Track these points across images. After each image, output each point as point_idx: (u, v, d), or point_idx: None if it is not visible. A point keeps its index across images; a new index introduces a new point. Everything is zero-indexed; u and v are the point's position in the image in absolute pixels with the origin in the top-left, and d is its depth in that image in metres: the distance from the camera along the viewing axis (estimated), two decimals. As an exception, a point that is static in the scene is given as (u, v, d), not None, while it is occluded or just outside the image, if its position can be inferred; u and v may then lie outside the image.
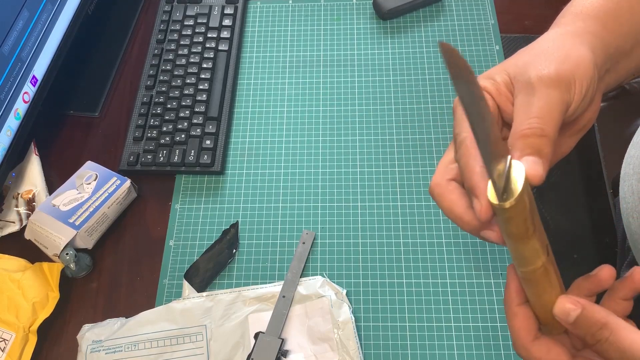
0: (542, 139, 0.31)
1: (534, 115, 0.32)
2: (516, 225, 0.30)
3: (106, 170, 0.66)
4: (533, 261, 0.32)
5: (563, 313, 0.33)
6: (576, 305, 0.32)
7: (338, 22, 0.81)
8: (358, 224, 0.65)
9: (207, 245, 0.64)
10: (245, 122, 0.73)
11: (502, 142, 0.30)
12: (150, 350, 0.57)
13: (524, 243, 0.31)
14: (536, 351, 0.34)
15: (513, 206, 0.28)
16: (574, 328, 0.33)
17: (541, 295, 0.34)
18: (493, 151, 0.29)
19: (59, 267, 0.61)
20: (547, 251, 0.32)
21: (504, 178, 0.29)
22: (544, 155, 0.31)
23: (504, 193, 0.29)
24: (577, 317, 0.32)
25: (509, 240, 0.31)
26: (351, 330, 0.56)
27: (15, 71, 0.63)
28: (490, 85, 0.35)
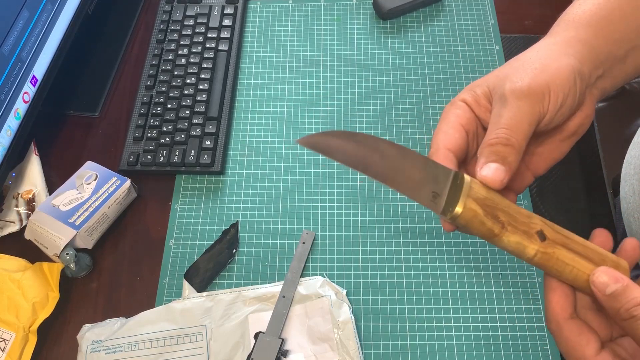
0: (507, 148, 0.34)
1: (502, 125, 0.34)
2: (476, 229, 0.33)
3: (106, 170, 0.66)
4: (523, 252, 0.34)
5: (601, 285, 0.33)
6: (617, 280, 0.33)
7: (338, 22, 0.81)
8: (358, 224, 0.65)
9: (207, 245, 0.64)
10: (245, 122, 0.73)
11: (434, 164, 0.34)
12: (150, 350, 0.57)
13: (499, 241, 0.33)
14: (567, 330, 0.34)
15: (460, 215, 0.32)
16: (609, 300, 0.33)
17: (561, 275, 0.34)
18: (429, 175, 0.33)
19: (59, 267, 0.61)
20: (540, 237, 0.34)
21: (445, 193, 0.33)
22: (507, 162, 0.34)
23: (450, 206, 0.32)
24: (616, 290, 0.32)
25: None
26: (351, 330, 0.56)
27: (15, 71, 0.63)
28: (469, 97, 0.38)
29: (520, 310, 0.59)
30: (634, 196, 0.48)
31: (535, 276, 0.60)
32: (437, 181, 0.33)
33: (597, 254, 0.35)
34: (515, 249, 0.33)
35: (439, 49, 0.77)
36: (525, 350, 0.57)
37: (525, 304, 0.59)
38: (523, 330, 0.58)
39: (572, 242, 0.35)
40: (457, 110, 0.38)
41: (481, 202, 0.32)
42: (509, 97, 0.35)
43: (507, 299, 0.59)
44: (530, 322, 0.58)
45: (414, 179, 0.33)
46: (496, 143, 0.34)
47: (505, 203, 0.34)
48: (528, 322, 0.58)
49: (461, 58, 0.76)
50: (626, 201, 0.50)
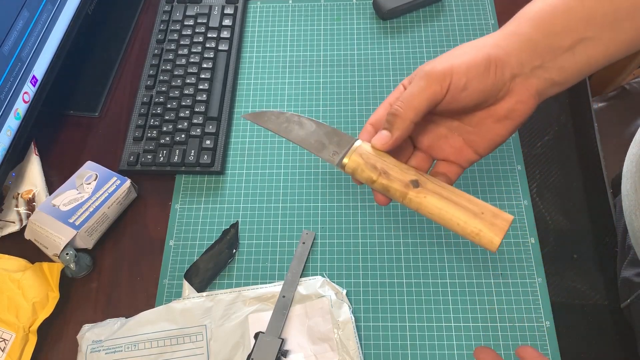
0: (396, 118, 0.41)
1: (401, 98, 0.41)
2: (359, 175, 0.43)
3: (106, 170, 0.66)
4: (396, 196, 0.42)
5: None
6: None
7: (338, 22, 0.81)
8: (358, 224, 0.65)
9: (207, 245, 0.64)
10: (245, 122, 0.73)
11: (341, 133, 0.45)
12: (150, 350, 0.57)
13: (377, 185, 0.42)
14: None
15: (347, 165, 0.43)
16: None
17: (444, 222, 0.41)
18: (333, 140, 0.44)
19: (59, 267, 0.61)
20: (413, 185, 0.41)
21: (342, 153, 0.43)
22: (394, 130, 0.41)
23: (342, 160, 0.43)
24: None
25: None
26: (351, 330, 0.56)
27: (15, 71, 0.63)
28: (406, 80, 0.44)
29: (520, 310, 0.59)
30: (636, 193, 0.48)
31: (535, 276, 0.60)
32: (340, 145, 0.44)
33: (475, 204, 0.40)
34: (390, 193, 0.42)
35: (439, 49, 0.77)
36: (525, 350, 0.57)
37: (525, 304, 0.59)
38: (523, 330, 0.58)
39: (446, 192, 0.40)
40: (394, 92, 0.45)
41: (364, 157, 0.42)
42: (415, 76, 0.41)
43: (507, 299, 0.59)
44: (530, 322, 0.58)
45: (322, 142, 0.45)
46: (389, 113, 0.41)
47: (388, 160, 0.42)
48: (528, 322, 0.58)
49: (461, 58, 0.76)
50: (628, 198, 0.50)
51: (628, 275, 0.57)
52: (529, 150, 0.69)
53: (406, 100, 0.41)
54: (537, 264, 0.61)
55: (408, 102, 0.41)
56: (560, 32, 0.40)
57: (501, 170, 0.67)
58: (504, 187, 0.66)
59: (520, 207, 0.64)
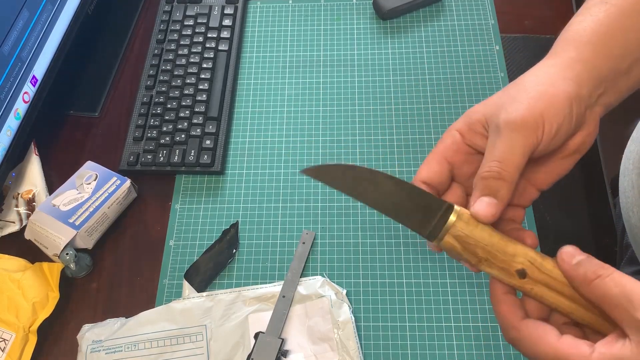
0: (499, 182, 0.35)
1: (495, 158, 0.36)
2: (455, 257, 0.37)
3: (106, 170, 0.66)
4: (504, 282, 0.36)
5: (568, 255, 0.35)
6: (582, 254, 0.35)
7: (338, 22, 0.81)
8: (358, 224, 0.65)
9: (207, 245, 0.64)
10: (245, 122, 0.73)
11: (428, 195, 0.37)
12: (150, 350, 0.57)
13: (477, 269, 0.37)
14: (525, 328, 0.35)
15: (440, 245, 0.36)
16: (576, 268, 0.34)
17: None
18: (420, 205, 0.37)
19: (59, 267, 0.61)
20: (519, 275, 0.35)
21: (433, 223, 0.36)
22: (499, 196, 0.35)
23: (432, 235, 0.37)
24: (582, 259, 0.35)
25: None
26: (351, 330, 0.56)
27: (15, 71, 0.63)
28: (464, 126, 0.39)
29: (520, 310, 0.59)
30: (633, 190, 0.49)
31: (535, 276, 0.60)
32: (427, 211, 0.36)
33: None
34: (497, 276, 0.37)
35: (439, 49, 0.77)
36: (525, 350, 0.57)
37: (525, 304, 0.59)
38: (523, 330, 0.58)
39: (558, 282, 0.36)
40: (447, 140, 0.39)
41: (461, 240, 0.35)
42: (503, 128, 0.36)
43: (507, 299, 0.59)
44: (530, 322, 0.58)
45: (404, 207, 0.37)
46: (488, 177, 0.36)
47: (489, 240, 0.35)
48: (528, 322, 0.58)
49: (461, 58, 0.76)
50: (625, 195, 0.50)
51: (626, 273, 0.58)
52: (529, 150, 0.69)
53: (506, 159, 0.36)
54: (537, 264, 0.61)
55: (509, 160, 0.36)
56: (620, 55, 0.38)
57: (501, 170, 0.67)
58: (504, 187, 0.66)
59: (520, 207, 0.64)
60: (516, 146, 0.36)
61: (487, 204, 0.35)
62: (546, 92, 0.36)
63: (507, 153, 0.36)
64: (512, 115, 0.36)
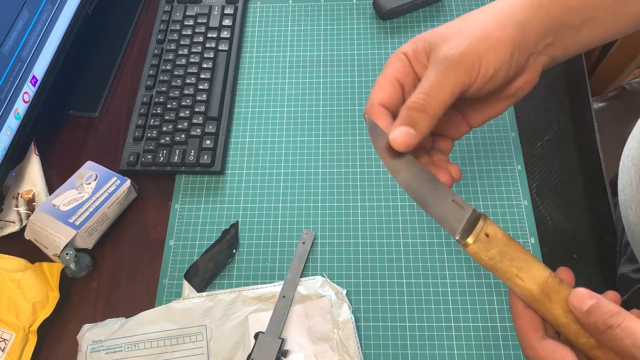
0: (421, 115, 0.36)
1: (424, 90, 0.36)
2: (480, 262, 0.37)
3: (106, 170, 0.66)
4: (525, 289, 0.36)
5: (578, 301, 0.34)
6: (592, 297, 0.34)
7: (338, 22, 0.81)
8: (358, 224, 0.65)
9: (207, 245, 0.64)
10: (245, 122, 0.73)
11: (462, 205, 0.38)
12: (150, 350, 0.57)
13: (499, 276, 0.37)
14: (542, 350, 0.35)
15: (468, 249, 0.36)
16: (586, 316, 0.34)
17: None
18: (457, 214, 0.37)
19: (59, 267, 0.61)
20: (542, 284, 0.36)
21: (465, 227, 0.37)
22: (418, 129, 0.36)
23: (466, 237, 0.37)
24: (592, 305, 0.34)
25: None
26: (351, 330, 0.56)
27: (15, 71, 0.63)
28: (410, 51, 0.40)
29: (520, 310, 0.59)
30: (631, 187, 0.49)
31: (535, 276, 0.60)
32: (461, 213, 0.37)
33: None
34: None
35: (439, 49, 0.77)
36: (525, 350, 0.57)
37: (525, 304, 0.59)
38: (523, 330, 0.58)
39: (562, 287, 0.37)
40: (396, 64, 0.39)
41: (484, 248, 0.36)
42: (440, 62, 0.37)
43: (507, 299, 0.59)
44: (530, 322, 0.58)
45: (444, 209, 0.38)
46: (413, 107, 0.36)
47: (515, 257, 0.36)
48: (528, 322, 0.58)
49: (461, 58, 0.76)
50: (624, 193, 0.50)
51: (625, 271, 0.58)
52: (529, 150, 0.69)
53: (434, 93, 0.36)
54: (537, 264, 0.61)
55: (436, 95, 0.36)
56: (575, 8, 0.39)
57: (501, 170, 0.67)
58: (504, 187, 0.66)
59: (520, 207, 0.64)
60: (447, 83, 0.36)
61: (405, 134, 0.36)
62: (491, 35, 0.37)
63: (436, 88, 0.36)
64: (451, 51, 0.37)
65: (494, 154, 0.68)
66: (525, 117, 0.71)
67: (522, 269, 0.35)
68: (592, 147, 0.69)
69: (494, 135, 0.70)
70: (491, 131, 0.70)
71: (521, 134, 0.70)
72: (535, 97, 0.73)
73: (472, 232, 0.36)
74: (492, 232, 0.36)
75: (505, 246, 0.36)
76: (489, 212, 0.64)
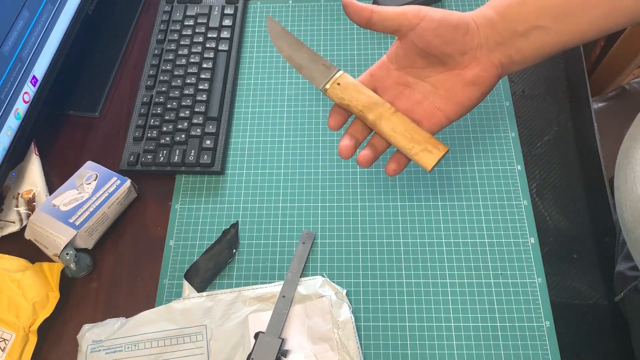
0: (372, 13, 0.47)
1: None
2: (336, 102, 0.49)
3: (106, 170, 0.66)
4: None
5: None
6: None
7: (338, 22, 0.81)
8: (358, 224, 0.65)
9: (207, 245, 0.64)
10: (245, 122, 0.73)
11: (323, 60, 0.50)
12: (150, 350, 0.57)
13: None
14: None
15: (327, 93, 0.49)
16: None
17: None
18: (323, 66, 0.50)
19: (59, 267, 0.61)
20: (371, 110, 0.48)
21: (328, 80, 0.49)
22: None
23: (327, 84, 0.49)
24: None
25: None
26: (351, 330, 0.56)
27: (15, 71, 0.63)
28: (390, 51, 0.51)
29: (520, 310, 0.59)
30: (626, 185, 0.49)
31: (535, 276, 0.60)
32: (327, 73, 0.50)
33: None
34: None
35: (439, 49, 0.77)
36: (525, 350, 0.57)
37: (525, 304, 0.59)
38: (523, 330, 0.58)
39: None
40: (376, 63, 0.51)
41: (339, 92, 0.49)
42: None
43: (507, 299, 0.59)
44: (530, 322, 0.58)
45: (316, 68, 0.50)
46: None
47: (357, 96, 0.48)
48: (528, 322, 0.58)
49: (461, 58, 0.76)
50: (619, 191, 0.50)
51: (622, 269, 0.58)
52: (529, 150, 0.69)
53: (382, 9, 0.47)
54: (537, 264, 0.61)
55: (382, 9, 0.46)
56: (515, 20, 0.46)
57: (501, 170, 0.67)
58: (504, 187, 0.66)
59: (520, 207, 0.64)
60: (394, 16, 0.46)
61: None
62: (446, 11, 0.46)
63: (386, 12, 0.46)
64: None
65: (494, 154, 0.68)
66: (525, 117, 0.71)
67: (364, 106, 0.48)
68: (592, 147, 0.69)
69: (493, 135, 0.70)
70: (491, 131, 0.70)
71: (521, 134, 0.70)
72: (535, 97, 0.73)
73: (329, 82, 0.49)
74: (343, 81, 0.49)
75: (352, 90, 0.48)
76: (489, 212, 0.64)
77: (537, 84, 0.74)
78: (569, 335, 0.58)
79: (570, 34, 0.46)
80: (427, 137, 0.47)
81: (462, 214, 0.64)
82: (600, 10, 0.45)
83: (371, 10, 0.46)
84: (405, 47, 0.47)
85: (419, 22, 0.46)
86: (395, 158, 0.49)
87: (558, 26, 0.45)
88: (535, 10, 0.45)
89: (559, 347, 0.57)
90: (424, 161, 0.47)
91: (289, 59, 0.51)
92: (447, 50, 0.46)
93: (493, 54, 0.47)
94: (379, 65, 0.50)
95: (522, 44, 0.46)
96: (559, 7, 0.45)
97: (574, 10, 0.45)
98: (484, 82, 0.47)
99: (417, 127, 0.47)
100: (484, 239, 0.63)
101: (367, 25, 0.47)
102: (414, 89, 0.49)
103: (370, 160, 0.49)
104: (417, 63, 0.48)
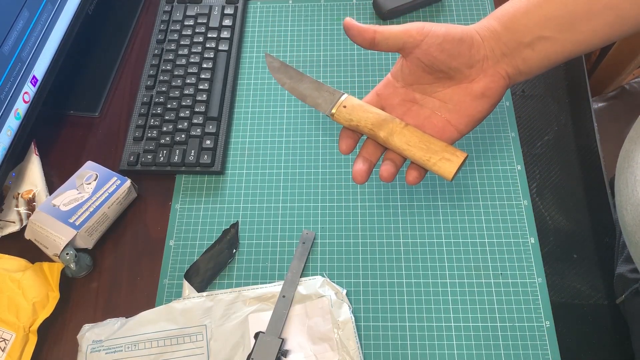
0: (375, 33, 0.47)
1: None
2: (345, 125, 0.49)
3: (106, 170, 0.66)
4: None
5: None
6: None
7: (338, 22, 0.81)
8: (358, 224, 0.65)
9: (207, 245, 0.64)
10: (245, 122, 0.73)
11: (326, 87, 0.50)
12: (150, 350, 0.57)
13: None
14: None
15: (334, 118, 0.49)
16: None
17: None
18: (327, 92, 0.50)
19: (59, 267, 0.61)
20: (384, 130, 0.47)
21: (333, 105, 0.49)
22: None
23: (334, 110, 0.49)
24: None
25: None
26: (351, 330, 0.56)
27: (15, 71, 0.63)
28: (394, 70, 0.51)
29: (520, 310, 0.59)
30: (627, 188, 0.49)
31: (535, 276, 0.60)
32: (332, 98, 0.49)
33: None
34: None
35: (439, 49, 0.77)
36: (525, 350, 0.57)
37: (525, 304, 0.59)
38: (523, 330, 0.58)
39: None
40: (382, 81, 0.51)
41: (346, 116, 0.48)
42: None
43: (507, 299, 0.59)
44: (530, 322, 0.58)
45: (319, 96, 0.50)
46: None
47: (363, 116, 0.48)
48: (528, 322, 0.58)
49: (461, 58, 0.76)
50: (619, 193, 0.50)
51: (622, 271, 0.58)
52: (529, 150, 0.69)
53: (385, 28, 0.47)
54: (537, 264, 0.61)
55: (386, 28, 0.46)
56: (520, 31, 0.46)
57: (501, 170, 0.67)
58: (504, 187, 0.66)
59: (520, 207, 0.64)
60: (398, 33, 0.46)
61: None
62: (449, 26, 0.46)
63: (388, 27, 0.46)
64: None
65: (494, 154, 0.68)
66: (525, 117, 0.71)
67: (374, 124, 0.47)
68: (592, 147, 0.69)
69: (494, 135, 0.70)
70: (491, 131, 0.70)
71: (521, 134, 0.70)
72: (535, 97, 0.73)
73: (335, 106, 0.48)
74: (348, 104, 0.48)
75: (359, 111, 0.48)
76: (489, 211, 0.64)
77: (537, 84, 0.74)
78: (569, 335, 0.58)
79: (575, 44, 0.46)
80: (443, 146, 0.46)
81: (462, 213, 0.64)
82: (604, 19, 0.45)
83: (374, 30, 0.46)
84: (411, 64, 0.47)
85: (423, 39, 0.45)
86: (414, 166, 0.48)
87: (563, 36, 0.45)
88: (539, 21, 0.45)
89: (559, 347, 0.57)
90: (443, 170, 0.46)
91: (292, 90, 0.51)
92: (454, 64, 0.46)
93: (499, 65, 0.47)
94: (384, 84, 0.50)
95: (527, 54, 0.46)
96: (563, 17, 0.45)
97: (578, 20, 0.45)
98: (492, 94, 0.47)
99: (431, 137, 0.46)
100: (484, 239, 0.63)
101: (371, 46, 0.47)
102: (422, 105, 0.49)
103: (393, 175, 0.48)
104: (423, 79, 0.48)
